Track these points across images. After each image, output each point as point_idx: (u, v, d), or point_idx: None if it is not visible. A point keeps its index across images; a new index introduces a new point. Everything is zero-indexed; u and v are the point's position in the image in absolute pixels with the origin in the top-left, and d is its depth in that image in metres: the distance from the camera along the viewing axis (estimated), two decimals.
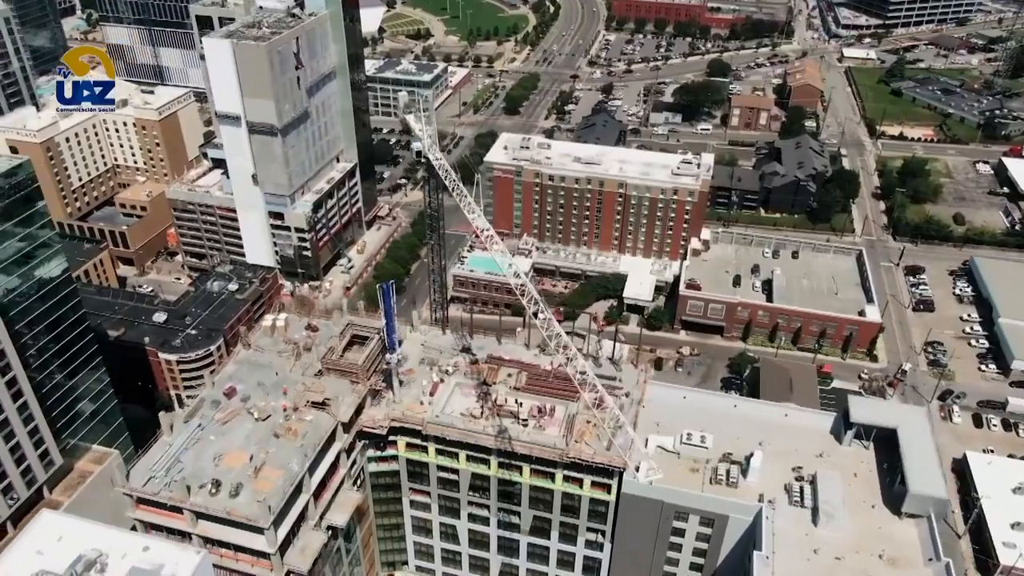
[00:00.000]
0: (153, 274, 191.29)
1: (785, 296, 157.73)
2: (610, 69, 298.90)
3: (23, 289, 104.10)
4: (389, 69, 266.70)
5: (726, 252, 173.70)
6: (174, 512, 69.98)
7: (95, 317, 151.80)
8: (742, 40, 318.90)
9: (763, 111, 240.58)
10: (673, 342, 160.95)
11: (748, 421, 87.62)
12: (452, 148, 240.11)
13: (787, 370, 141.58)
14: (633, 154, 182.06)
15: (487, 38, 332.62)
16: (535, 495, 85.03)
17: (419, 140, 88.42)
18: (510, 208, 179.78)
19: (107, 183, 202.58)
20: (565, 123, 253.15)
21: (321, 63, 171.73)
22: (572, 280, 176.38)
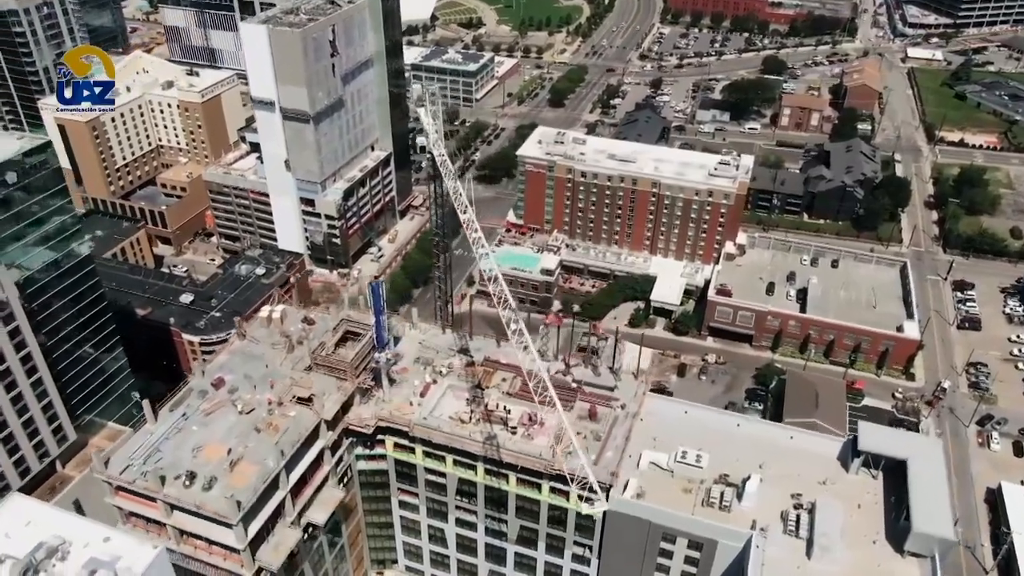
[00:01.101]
0: (189, 254, 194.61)
1: (819, 307, 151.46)
2: (661, 63, 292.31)
3: (41, 267, 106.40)
4: (435, 58, 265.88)
5: (762, 258, 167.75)
6: (150, 501, 70.00)
7: (125, 295, 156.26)
8: (801, 37, 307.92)
9: (815, 111, 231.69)
10: (699, 348, 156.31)
11: (750, 442, 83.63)
12: (493, 139, 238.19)
13: (814, 384, 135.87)
14: (670, 153, 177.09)
15: (539, 28, 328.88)
16: (522, 504, 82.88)
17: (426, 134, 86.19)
18: (541, 204, 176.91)
19: (151, 163, 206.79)
20: (609, 117, 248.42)
21: (358, 51, 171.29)
22: (601, 279, 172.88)
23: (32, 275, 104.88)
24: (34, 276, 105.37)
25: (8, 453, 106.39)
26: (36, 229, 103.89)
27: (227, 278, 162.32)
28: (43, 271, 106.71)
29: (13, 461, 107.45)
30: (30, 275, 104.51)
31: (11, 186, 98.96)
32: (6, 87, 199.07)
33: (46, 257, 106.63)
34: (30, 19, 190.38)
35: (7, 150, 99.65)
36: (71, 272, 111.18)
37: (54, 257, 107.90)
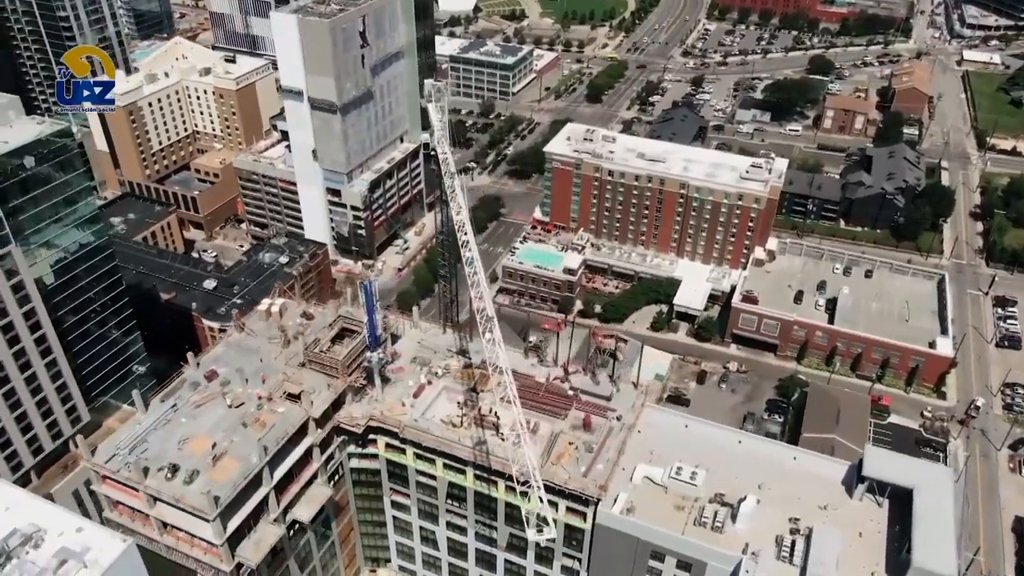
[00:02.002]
0: (220, 240, 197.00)
1: (849, 318, 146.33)
2: (704, 60, 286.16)
3: (58, 251, 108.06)
4: (473, 50, 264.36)
5: (792, 265, 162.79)
6: (134, 491, 70.22)
7: (151, 278, 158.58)
8: (852, 36, 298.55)
9: (860, 114, 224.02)
10: (721, 356, 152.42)
11: (751, 460, 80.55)
12: (527, 134, 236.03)
13: (836, 399, 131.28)
14: (701, 153, 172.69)
15: (582, 22, 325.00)
16: (511, 512, 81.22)
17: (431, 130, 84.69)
18: (568, 201, 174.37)
19: (186, 148, 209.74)
20: (647, 115, 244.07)
21: (388, 42, 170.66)
22: (625, 280, 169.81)
23: (49, 258, 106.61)
24: (52, 260, 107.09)
25: (22, 431, 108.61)
26: (54, 213, 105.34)
27: (250, 265, 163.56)
28: (60, 255, 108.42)
29: (27, 439, 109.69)
30: (48, 259, 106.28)
31: (29, 170, 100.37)
32: (50, 70, 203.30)
33: (64, 241, 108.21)
34: (73, 3, 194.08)
35: (27, 135, 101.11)
36: (88, 256, 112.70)
37: (72, 241, 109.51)
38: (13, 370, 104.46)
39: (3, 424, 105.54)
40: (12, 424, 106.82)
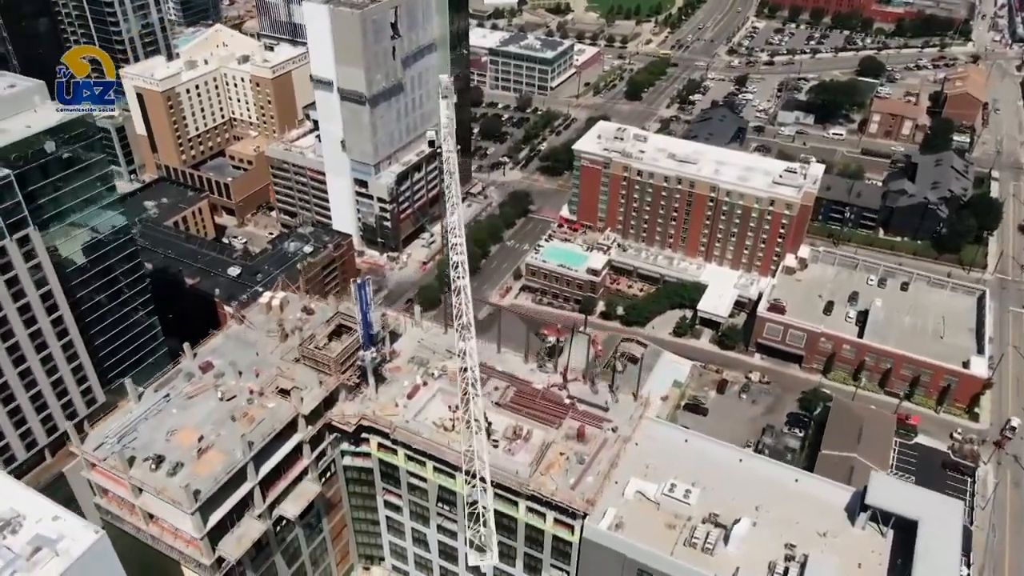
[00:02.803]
0: (250, 226, 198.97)
1: (879, 332, 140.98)
2: (749, 59, 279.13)
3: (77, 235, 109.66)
4: (513, 43, 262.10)
5: (824, 274, 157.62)
6: (121, 481, 70.55)
7: (178, 263, 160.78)
8: (907, 37, 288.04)
9: (908, 119, 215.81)
10: (744, 365, 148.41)
11: (751, 480, 77.56)
12: (562, 129, 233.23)
13: (860, 416, 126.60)
14: (734, 156, 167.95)
15: (627, 17, 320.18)
16: (499, 520, 79.61)
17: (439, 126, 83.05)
18: (595, 200, 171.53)
19: (223, 135, 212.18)
20: (686, 113, 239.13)
21: (420, 34, 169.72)
22: (650, 283, 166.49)
23: (67, 241, 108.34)
24: (69, 243, 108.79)
25: (36, 410, 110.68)
26: (74, 198, 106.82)
27: (275, 254, 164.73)
28: (79, 239, 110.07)
29: (41, 418, 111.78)
30: (65, 242, 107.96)
31: (50, 155, 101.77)
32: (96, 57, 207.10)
33: (82, 226, 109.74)
34: None
35: (48, 120, 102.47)
36: (108, 241, 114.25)
37: (91, 225, 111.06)
38: (29, 350, 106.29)
39: (18, 402, 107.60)
40: (27, 403, 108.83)
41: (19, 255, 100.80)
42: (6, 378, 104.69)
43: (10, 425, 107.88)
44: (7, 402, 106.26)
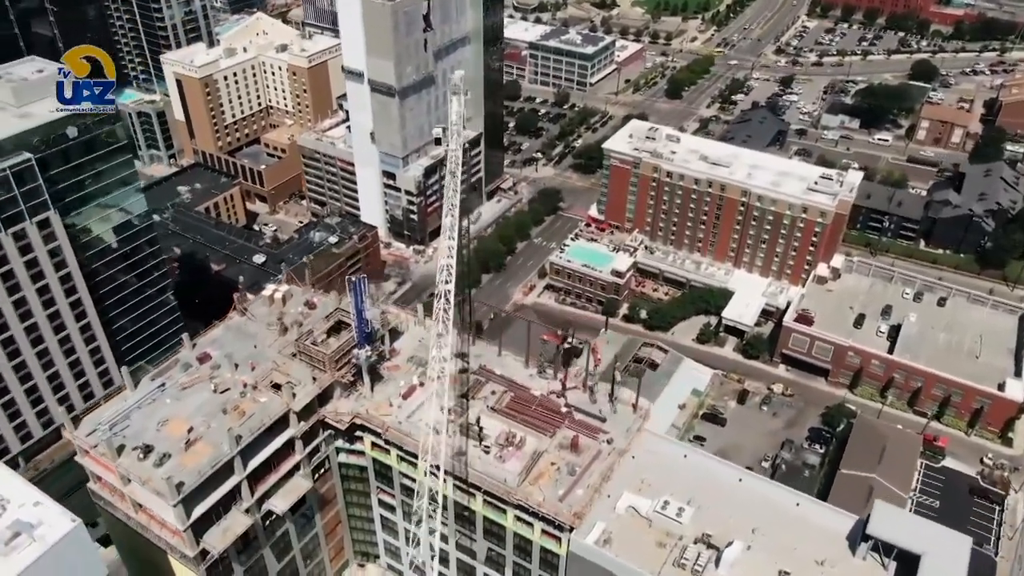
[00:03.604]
0: (281, 214, 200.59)
1: (911, 348, 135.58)
2: (797, 59, 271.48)
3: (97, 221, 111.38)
4: (553, 38, 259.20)
5: (858, 285, 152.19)
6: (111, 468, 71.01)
7: (205, 248, 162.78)
8: (965, 40, 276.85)
9: (959, 127, 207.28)
10: (767, 376, 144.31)
11: (749, 501, 74.73)
12: (598, 127, 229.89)
13: (884, 435, 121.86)
14: (769, 160, 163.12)
15: (674, 13, 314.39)
16: (488, 527, 78.37)
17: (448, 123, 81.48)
18: (624, 201, 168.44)
19: (259, 122, 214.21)
20: (727, 114, 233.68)
21: (454, 27, 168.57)
22: (676, 287, 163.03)
23: (87, 226, 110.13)
24: (89, 227, 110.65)
25: (53, 391, 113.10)
26: (95, 183, 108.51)
27: (301, 243, 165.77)
28: (99, 223, 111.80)
29: (58, 398, 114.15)
30: (86, 226, 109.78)
31: (72, 140, 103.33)
32: (139, 41, 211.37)
33: (103, 211, 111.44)
34: None
35: None
36: (127, 226, 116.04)
37: (111, 211, 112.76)
38: (47, 331, 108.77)
39: (35, 382, 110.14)
40: (44, 382, 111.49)
41: (39, 238, 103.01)
42: (24, 357, 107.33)
43: (27, 403, 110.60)
44: (25, 380, 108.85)
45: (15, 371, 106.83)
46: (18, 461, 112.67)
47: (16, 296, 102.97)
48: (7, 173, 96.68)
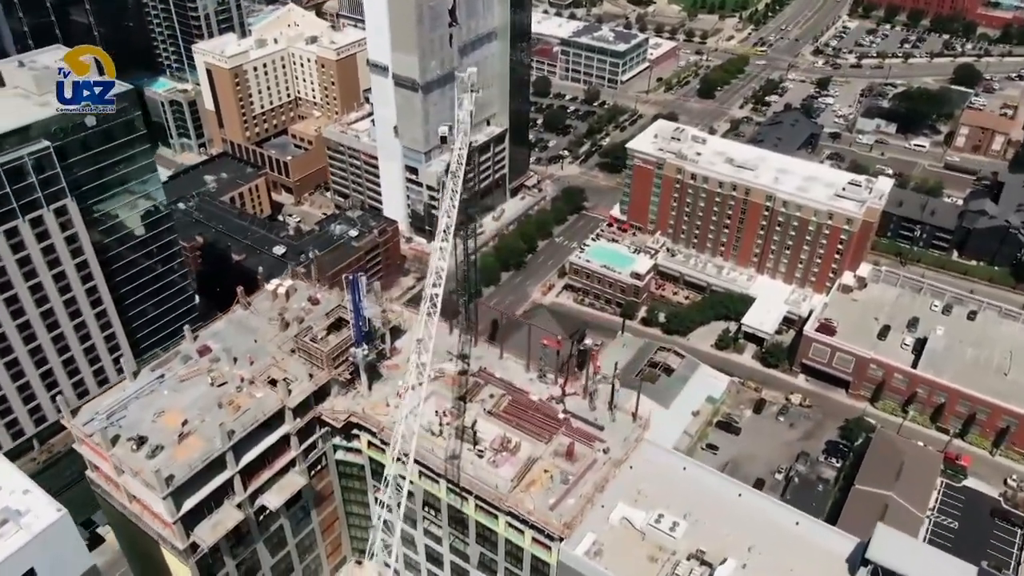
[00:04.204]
0: (306, 206, 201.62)
1: (936, 363, 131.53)
2: (835, 61, 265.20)
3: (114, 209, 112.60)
4: (585, 34, 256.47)
5: (884, 295, 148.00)
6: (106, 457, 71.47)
7: (227, 238, 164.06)
8: (1013, 44, 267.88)
9: (1000, 134, 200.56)
10: (786, 385, 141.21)
11: (747, 518, 72.67)
12: (627, 125, 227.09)
13: (902, 451, 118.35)
14: (797, 164, 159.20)
15: (711, 11, 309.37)
16: (481, 531, 77.46)
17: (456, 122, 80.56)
18: (646, 202, 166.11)
19: (287, 113, 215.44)
20: (760, 115, 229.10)
21: (480, 23, 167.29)
22: (697, 291, 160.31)
23: (104, 214, 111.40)
24: (106, 216, 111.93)
25: (68, 375, 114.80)
26: (112, 172, 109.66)
27: (321, 235, 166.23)
28: (116, 212, 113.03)
29: (73, 382, 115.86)
30: (103, 214, 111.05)
31: (90, 129, 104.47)
32: (173, 30, 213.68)
33: (120, 200, 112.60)
34: None
35: None
36: (144, 216, 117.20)
37: (129, 200, 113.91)
38: (63, 317, 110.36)
39: (51, 365, 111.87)
40: (60, 367, 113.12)
41: (55, 224, 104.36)
42: (40, 342, 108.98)
43: (42, 387, 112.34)
44: (40, 364, 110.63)
45: (31, 355, 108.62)
46: (32, 443, 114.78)
47: (32, 281, 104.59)
48: (25, 160, 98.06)
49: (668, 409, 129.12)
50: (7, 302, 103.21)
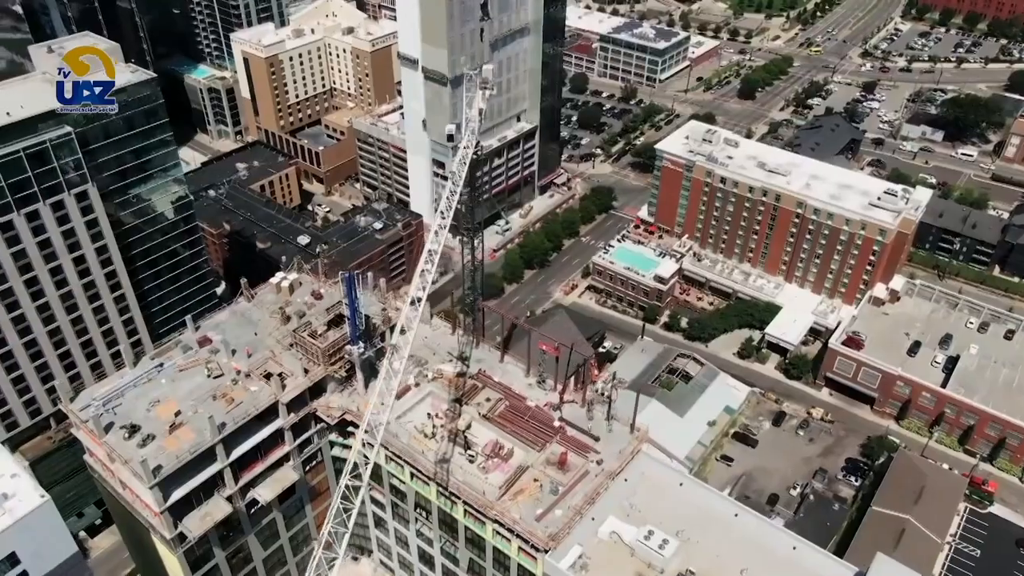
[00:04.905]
0: (336, 196, 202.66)
1: (967, 383, 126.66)
2: (884, 64, 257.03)
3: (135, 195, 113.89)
4: (625, 31, 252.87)
5: (918, 310, 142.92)
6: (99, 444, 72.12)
7: (253, 226, 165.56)
8: None
9: None
10: (808, 398, 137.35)
11: (742, 539, 70.23)
12: (663, 124, 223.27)
13: (924, 473, 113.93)
14: (832, 171, 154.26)
15: (758, 9, 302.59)
16: (470, 536, 76.29)
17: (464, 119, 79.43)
18: (675, 205, 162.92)
19: (322, 103, 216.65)
20: (800, 118, 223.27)
21: (512, 18, 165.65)
22: (722, 298, 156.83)
23: (125, 200, 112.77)
24: (128, 201, 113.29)
25: (86, 357, 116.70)
26: (133, 159, 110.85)
27: (345, 227, 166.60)
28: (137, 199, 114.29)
29: (90, 364, 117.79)
30: (123, 199, 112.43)
31: (112, 116, 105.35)
32: (214, 18, 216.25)
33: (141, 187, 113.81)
34: None
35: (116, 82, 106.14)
36: (165, 202, 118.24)
37: (149, 186, 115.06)
38: (82, 300, 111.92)
39: (69, 347, 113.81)
40: (78, 349, 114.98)
41: (76, 209, 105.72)
42: (59, 323, 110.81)
43: (60, 368, 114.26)
44: (59, 346, 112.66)
45: (49, 336, 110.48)
46: (49, 422, 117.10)
47: (52, 264, 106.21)
48: (47, 146, 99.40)
49: (683, 417, 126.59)
50: (27, 283, 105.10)
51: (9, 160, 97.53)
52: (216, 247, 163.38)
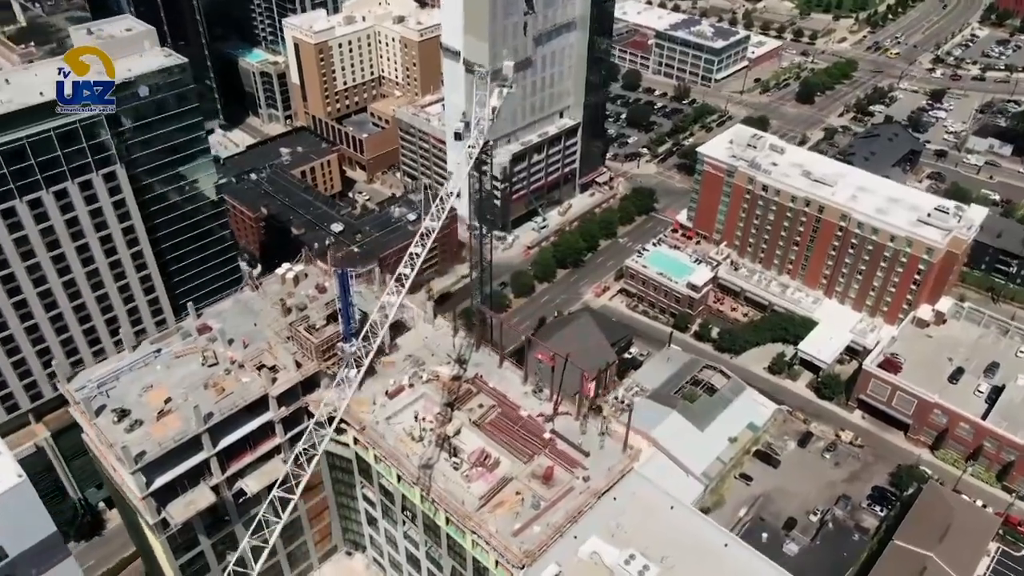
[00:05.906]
0: (377, 184, 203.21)
1: (1010, 415, 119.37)
2: (956, 71, 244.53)
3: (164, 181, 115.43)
4: (682, 28, 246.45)
5: (964, 334, 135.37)
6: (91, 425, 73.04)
7: (289, 211, 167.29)
8: None
9: None
10: (838, 420, 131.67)
11: (730, 571, 67.09)
12: (714, 126, 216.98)
13: (952, 508, 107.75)
14: (882, 184, 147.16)
15: (827, 10, 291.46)
16: (451, 544, 74.92)
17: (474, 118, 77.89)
18: (714, 210, 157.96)
19: (370, 91, 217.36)
20: (860, 125, 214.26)
21: (558, 12, 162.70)
22: (757, 309, 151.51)
23: (154, 181, 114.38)
24: (156, 183, 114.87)
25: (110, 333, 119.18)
26: (163, 142, 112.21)
27: (379, 217, 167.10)
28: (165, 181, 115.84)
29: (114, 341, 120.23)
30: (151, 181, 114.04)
31: (143, 99, 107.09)
32: (269, 3, 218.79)
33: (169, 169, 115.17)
34: None
35: (148, 65, 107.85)
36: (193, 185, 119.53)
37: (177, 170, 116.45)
38: (108, 278, 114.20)
39: (94, 323, 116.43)
40: (102, 325, 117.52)
41: (104, 189, 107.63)
42: (84, 299, 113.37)
43: (85, 343, 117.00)
44: (84, 321, 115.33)
45: (75, 312, 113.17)
46: None
47: (79, 242, 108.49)
48: (77, 126, 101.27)
49: (703, 432, 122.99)
50: (55, 260, 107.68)
51: (40, 139, 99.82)
52: (253, 231, 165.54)
